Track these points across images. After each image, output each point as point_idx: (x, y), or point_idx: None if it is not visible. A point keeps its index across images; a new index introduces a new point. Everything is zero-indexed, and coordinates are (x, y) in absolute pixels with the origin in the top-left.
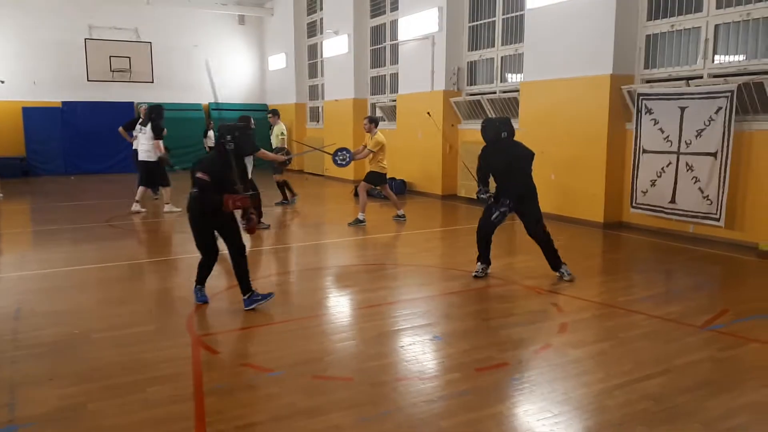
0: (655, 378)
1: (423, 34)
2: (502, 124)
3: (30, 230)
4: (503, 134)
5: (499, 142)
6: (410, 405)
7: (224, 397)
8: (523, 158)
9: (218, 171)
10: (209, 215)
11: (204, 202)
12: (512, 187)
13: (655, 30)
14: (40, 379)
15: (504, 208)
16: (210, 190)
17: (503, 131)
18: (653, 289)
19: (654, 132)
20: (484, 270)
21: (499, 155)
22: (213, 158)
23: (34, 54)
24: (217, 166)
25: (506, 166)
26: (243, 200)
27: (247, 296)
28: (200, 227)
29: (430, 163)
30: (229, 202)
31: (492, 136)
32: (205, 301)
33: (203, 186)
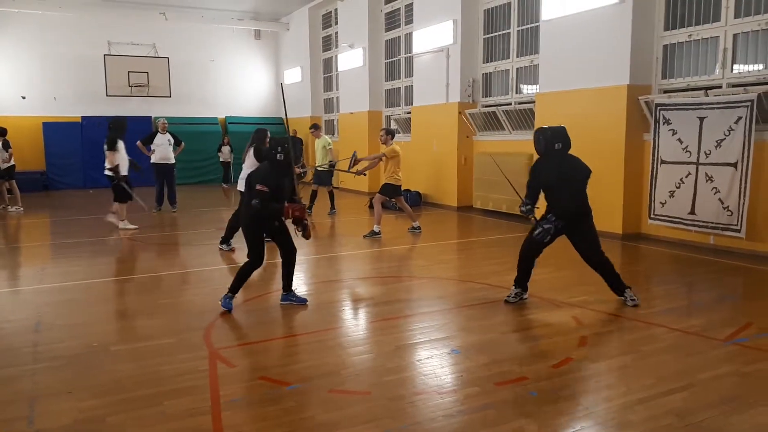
0: (678, 393)
1: (438, 47)
2: (555, 135)
3: (49, 243)
4: (556, 145)
5: (551, 155)
6: (429, 419)
7: (242, 411)
8: (576, 174)
9: (273, 181)
10: (265, 223)
11: (266, 211)
12: (561, 205)
13: (673, 40)
14: (59, 391)
15: (548, 225)
16: (269, 200)
17: (556, 142)
18: (674, 302)
19: (672, 142)
20: (519, 295)
21: (551, 169)
22: (267, 169)
23: (55, 70)
24: (272, 177)
25: (557, 181)
26: (301, 210)
27: (286, 293)
28: (254, 234)
29: (445, 174)
30: (290, 210)
31: (543, 147)
32: (229, 309)
33: (264, 197)
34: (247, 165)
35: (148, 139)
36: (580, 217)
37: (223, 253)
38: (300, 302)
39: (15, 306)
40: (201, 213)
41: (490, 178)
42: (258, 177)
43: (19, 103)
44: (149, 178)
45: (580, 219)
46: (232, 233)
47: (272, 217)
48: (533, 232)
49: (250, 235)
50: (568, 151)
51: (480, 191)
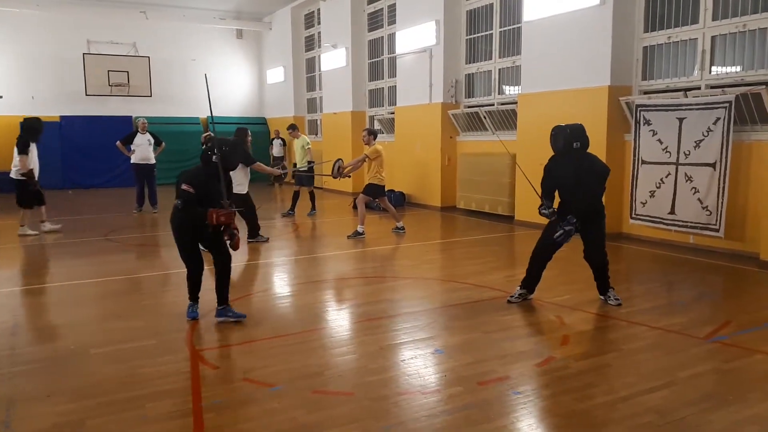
0: (659, 390)
1: (421, 47)
2: (574, 133)
3: (27, 245)
4: (575, 144)
5: (570, 153)
6: (412, 420)
7: (224, 413)
8: (595, 173)
9: (203, 183)
10: (192, 227)
11: (187, 214)
12: (578, 205)
13: (653, 42)
14: (37, 395)
15: (569, 227)
16: (193, 203)
17: (575, 141)
18: (655, 301)
19: (653, 143)
20: (523, 296)
21: (568, 167)
22: (198, 170)
23: (33, 68)
24: (202, 178)
25: (574, 181)
26: (227, 215)
27: (222, 307)
28: (183, 239)
29: (428, 175)
30: (213, 215)
31: (562, 145)
32: (195, 318)
33: (187, 198)
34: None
35: (127, 139)
36: (595, 218)
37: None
38: (237, 317)
39: None
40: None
41: (474, 178)
42: (186, 177)
43: None
44: (129, 179)
45: (593, 220)
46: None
47: (195, 221)
48: (554, 235)
49: (180, 242)
50: (585, 150)
51: (463, 191)
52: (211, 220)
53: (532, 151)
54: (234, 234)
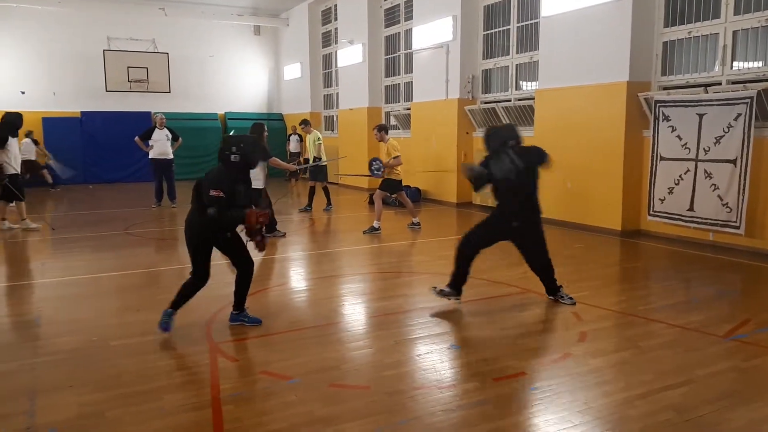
0: (677, 388)
1: (437, 43)
2: (508, 132)
3: (50, 238)
4: (510, 142)
5: (505, 152)
6: (428, 414)
7: (242, 405)
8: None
9: (231, 185)
10: (217, 235)
11: (223, 220)
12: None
13: (673, 37)
14: (60, 386)
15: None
16: (226, 208)
17: (510, 140)
18: (673, 298)
19: (672, 139)
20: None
21: (504, 165)
22: (221, 172)
23: (54, 65)
24: (228, 180)
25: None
26: (266, 215)
27: (237, 312)
28: (203, 247)
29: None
30: (253, 217)
31: (497, 146)
32: (167, 330)
33: (221, 203)
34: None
35: (146, 134)
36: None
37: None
38: (252, 323)
39: (15, 301)
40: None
41: None
42: (211, 182)
43: (18, 98)
44: (148, 174)
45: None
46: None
47: (230, 226)
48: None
49: (196, 250)
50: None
51: None
52: (251, 221)
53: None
54: (265, 235)
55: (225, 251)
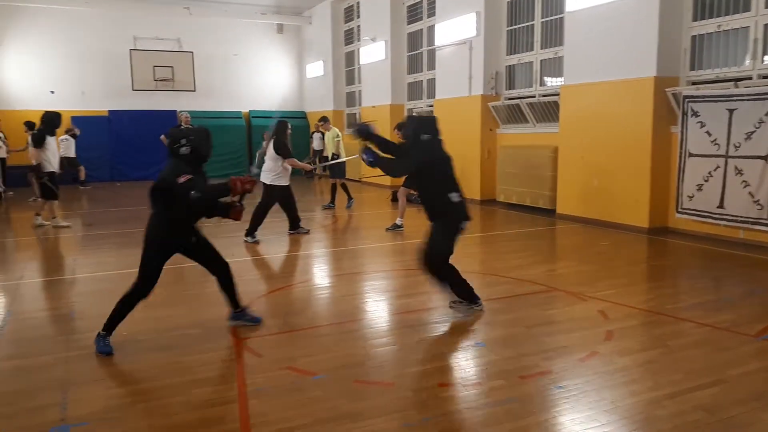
0: (707, 388)
1: (460, 39)
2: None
3: (80, 235)
4: (423, 137)
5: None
6: (453, 412)
7: (268, 400)
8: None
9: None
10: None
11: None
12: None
13: (701, 31)
14: (91, 379)
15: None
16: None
17: (423, 133)
18: (703, 297)
19: (701, 135)
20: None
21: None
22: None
23: (82, 65)
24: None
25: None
26: (251, 182)
27: (238, 311)
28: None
29: (468, 168)
30: (237, 183)
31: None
32: (109, 353)
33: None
34: (268, 157)
35: None
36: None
37: (248, 245)
38: (253, 322)
39: (47, 296)
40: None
41: (514, 171)
42: (171, 173)
43: (48, 97)
44: None
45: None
46: (256, 225)
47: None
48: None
49: (155, 255)
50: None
51: (503, 184)
52: (235, 188)
53: (575, 144)
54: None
55: (195, 257)
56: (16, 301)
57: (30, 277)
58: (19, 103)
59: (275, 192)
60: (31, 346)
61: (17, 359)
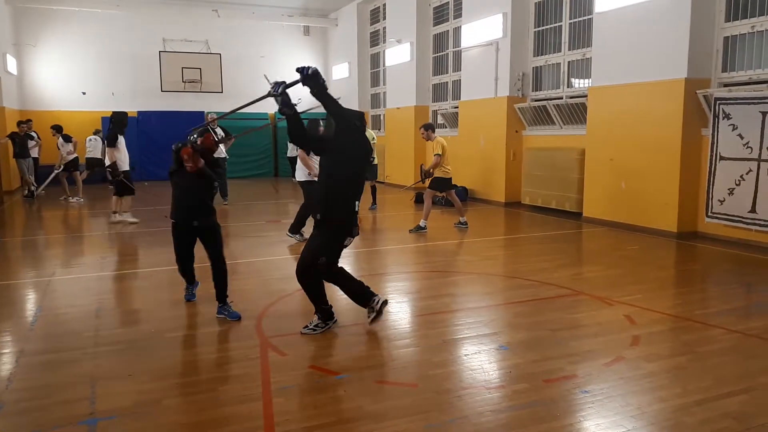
0: (736, 396)
1: (487, 41)
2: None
3: (108, 233)
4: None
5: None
6: (477, 414)
7: (292, 399)
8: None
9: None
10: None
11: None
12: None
13: (734, 31)
14: (119, 374)
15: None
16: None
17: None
18: (733, 303)
19: (732, 138)
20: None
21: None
22: None
23: (113, 66)
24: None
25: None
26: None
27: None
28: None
29: (492, 169)
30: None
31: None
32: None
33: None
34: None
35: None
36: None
37: (274, 243)
38: (232, 317)
39: (77, 292)
40: (251, 206)
41: (540, 173)
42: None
43: (80, 98)
44: None
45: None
46: (302, 223)
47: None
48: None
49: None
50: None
51: (529, 187)
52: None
53: (602, 147)
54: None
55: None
56: (47, 296)
57: (60, 274)
58: (52, 104)
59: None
60: (61, 341)
61: (48, 354)
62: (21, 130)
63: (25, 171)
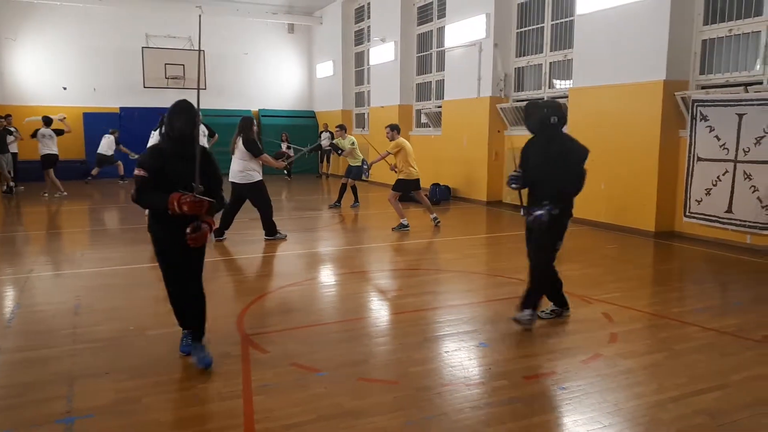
0: (711, 392)
1: (470, 41)
2: (551, 108)
3: (88, 229)
4: (552, 119)
5: (543, 132)
6: (456, 411)
7: (272, 396)
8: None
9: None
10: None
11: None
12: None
13: (712, 35)
14: (97, 372)
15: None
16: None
17: (552, 116)
18: (708, 301)
19: (709, 139)
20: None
21: (538, 148)
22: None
23: (95, 62)
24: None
25: (543, 162)
26: (192, 204)
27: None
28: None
29: (475, 169)
30: (174, 202)
31: (537, 122)
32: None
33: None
34: (237, 156)
35: None
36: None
37: (256, 241)
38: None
39: (55, 289)
40: None
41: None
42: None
43: (60, 93)
44: None
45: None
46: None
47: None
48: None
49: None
50: (562, 128)
51: None
52: (172, 207)
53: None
54: (200, 226)
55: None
56: (25, 293)
57: (39, 270)
58: (33, 99)
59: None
60: (39, 338)
61: (25, 351)
62: (0, 125)
63: (3, 166)
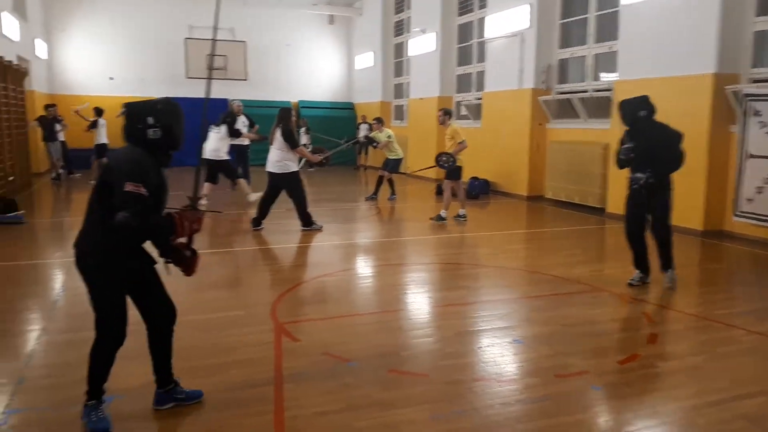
0: (753, 398)
1: (512, 32)
2: (640, 103)
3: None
4: (641, 113)
5: (637, 124)
6: (486, 406)
7: (303, 384)
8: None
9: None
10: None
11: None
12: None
13: (765, 26)
14: (131, 356)
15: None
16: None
17: (641, 110)
18: (756, 303)
19: (762, 135)
20: (642, 279)
21: (637, 138)
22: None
23: (140, 52)
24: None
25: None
26: (199, 221)
27: (164, 389)
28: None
29: (515, 162)
30: (185, 223)
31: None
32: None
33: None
34: (275, 146)
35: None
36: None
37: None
38: (192, 399)
39: None
40: None
41: (563, 167)
42: (128, 170)
43: (107, 83)
44: None
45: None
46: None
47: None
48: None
49: (103, 288)
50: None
51: (552, 181)
52: (180, 228)
53: None
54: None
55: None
56: (71, 277)
57: None
58: (80, 88)
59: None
60: (82, 320)
61: (68, 333)
62: (49, 114)
63: (52, 154)
